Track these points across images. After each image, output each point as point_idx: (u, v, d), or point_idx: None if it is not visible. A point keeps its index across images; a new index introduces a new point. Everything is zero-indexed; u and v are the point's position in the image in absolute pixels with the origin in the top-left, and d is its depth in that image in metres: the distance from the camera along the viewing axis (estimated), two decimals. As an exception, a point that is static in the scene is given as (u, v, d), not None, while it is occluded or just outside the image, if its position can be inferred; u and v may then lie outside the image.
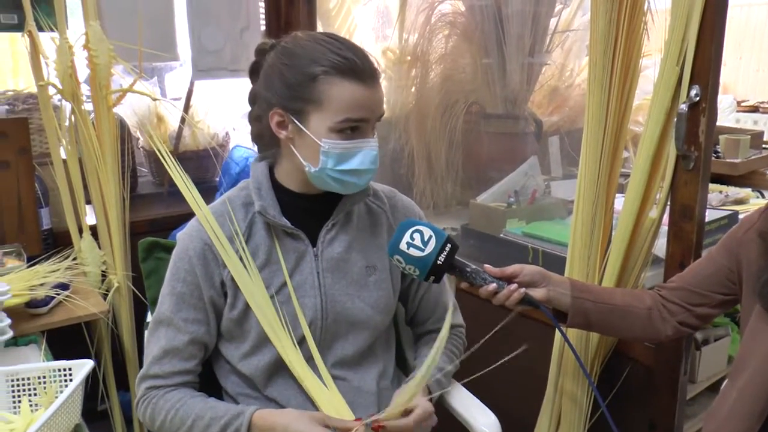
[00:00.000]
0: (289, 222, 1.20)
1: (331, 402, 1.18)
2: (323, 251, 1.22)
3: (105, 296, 1.96)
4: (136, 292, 2.03)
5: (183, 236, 1.21)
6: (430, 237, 1.11)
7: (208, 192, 2.28)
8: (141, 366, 2.11)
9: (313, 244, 1.22)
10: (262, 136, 1.22)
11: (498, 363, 1.23)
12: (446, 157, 2.22)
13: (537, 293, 1.17)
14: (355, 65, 1.10)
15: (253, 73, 1.23)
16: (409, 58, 2.25)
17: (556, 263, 1.66)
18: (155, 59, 2.07)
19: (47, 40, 1.91)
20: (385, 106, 1.16)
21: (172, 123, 2.36)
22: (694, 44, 1.24)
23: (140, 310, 2.11)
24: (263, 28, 2.34)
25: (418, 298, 1.37)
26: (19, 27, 1.92)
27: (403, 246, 1.11)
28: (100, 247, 2.02)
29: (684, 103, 1.27)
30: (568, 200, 2.00)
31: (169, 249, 1.37)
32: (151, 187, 2.44)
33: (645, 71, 1.69)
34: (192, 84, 2.24)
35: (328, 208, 1.23)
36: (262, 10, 2.35)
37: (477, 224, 1.99)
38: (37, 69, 1.90)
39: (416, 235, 1.11)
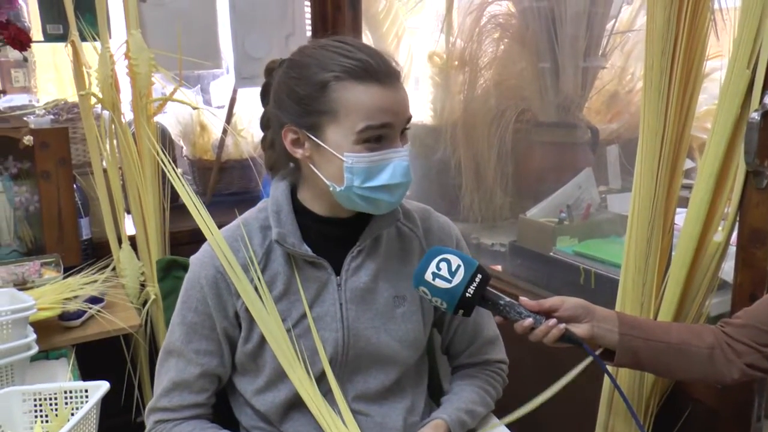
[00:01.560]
0: (310, 249, 1.09)
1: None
2: (347, 280, 1.12)
3: (142, 306, 1.94)
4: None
5: (195, 261, 1.13)
6: (459, 266, 1.00)
7: (251, 203, 2.21)
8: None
9: (337, 272, 1.11)
10: (279, 163, 1.13)
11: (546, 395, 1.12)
12: (495, 168, 2.09)
13: (579, 329, 1.03)
14: (368, 66, 0.99)
15: (264, 96, 1.14)
16: (456, 62, 2.13)
17: (611, 287, 1.52)
18: (197, 67, 2.04)
19: (89, 50, 1.90)
20: (431, 113, 1.04)
21: (216, 132, 2.33)
22: (767, 47, 1.09)
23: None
24: (309, 33, 2.28)
25: (453, 327, 1.25)
26: (63, 37, 1.92)
27: (428, 276, 1.00)
28: (139, 258, 2.00)
29: (756, 111, 1.12)
30: (626, 215, 1.85)
31: (187, 267, 1.30)
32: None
33: (713, 74, 1.53)
34: (235, 92, 2.20)
35: (354, 232, 1.12)
36: (308, 16, 2.29)
37: (526, 241, 1.85)
38: (79, 78, 1.90)
39: (443, 265, 1.00)
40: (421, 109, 2.25)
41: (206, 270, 1.10)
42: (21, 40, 1.87)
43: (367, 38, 2.31)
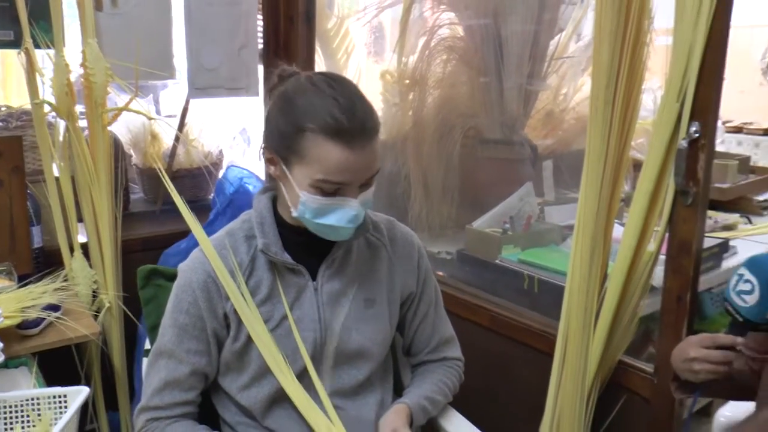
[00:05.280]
0: (290, 257, 1.19)
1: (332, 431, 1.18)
2: (323, 285, 1.22)
3: (96, 316, 1.94)
4: (127, 312, 2.01)
5: (185, 268, 1.21)
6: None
7: (202, 211, 2.28)
8: (131, 386, 2.11)
9: (313, 277, 1.22)
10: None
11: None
12: (443, 181, 2.22)
13: None
14: (342, 127, 1.06)
15: (270, 94, 1.21)
16: (407, 81, 2.25)
17: (552, 291, 1.67)
18: (153, 77, 2.06)
19: (41, 57, 1.89)
20: (382, 130, 1.13)
21: (167, 141, 2.35)
22: (695, 82, 1.25)
23: (131, 330, 2.09)
24: (261, 46, 2.34)
25: (414, 328, 1.37)
26: (15, 44, 1.90)
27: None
28: (91, 266, 2.00)
29: (684, 139, 1.29)
30: (562, 225, 2.02)
31: (167, 276, 1.36)
32: (142, 205, 2.42)
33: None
34: (187, 102, 2.23)
35: (328, 242, 1.22)
36: (261, 29, 2.35)
37: (472, 249, 1.99)
38: (32, 86, 1.88)
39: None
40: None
41: (197, 275, 1.18)
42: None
43: (318, 55, 2.39)
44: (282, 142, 1.12)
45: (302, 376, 1.21)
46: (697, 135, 1.28)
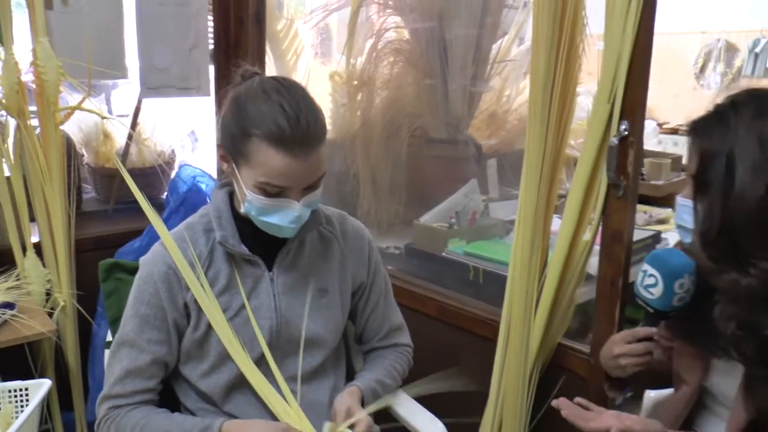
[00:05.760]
0: (247, 249, 1.26)
1: (290, 415, 1.24)
2: (278, 276, 1.29)
3: (50, 315, 1.95)
4: (81, 310, 2.02)
5: (146, 261, 1.25)
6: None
7: (156, 209, 2.28)
8: (86, 385, 2.11)
9: (269, 268, 1.29)
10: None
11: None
12: (390, 179, 2.31)
13: None
14: (284, 135, 1.12)
15: (224, 95, 1.26)
16: (355, 82, 2.33)
17: (496, 281, 1.77)
18: (105, 76, 2.08)
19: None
20: (330, 128, 1.20)
21: (119, 140, 2.36)
22: (623, 84, 1.37)
23: (85, 328, 2.10)
24: (212, 47, 2.38)
25: (365, 317, 1.45)
26: (-38, 42, 1.89)
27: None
28: (44, 265, 2.00)
29: (614, 136, 1.40)
30: (506, 220, 2.13)
31: (128, 269, 1.40)
32: (94, 205, 2.42)
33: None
34: (140, 101, 2.25)
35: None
36: (211, 29, 2.38)
37: (420, 243, 2.08)
38: (-20, 85, 1.88)
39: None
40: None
41: (158, 267, 1.23)
42: None
43: (268, 56, 2.44)
44: (232, 144, 1.19)
45: (260, 362, 1.27)
46: (626, 133, 1.40)
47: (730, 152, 1.00)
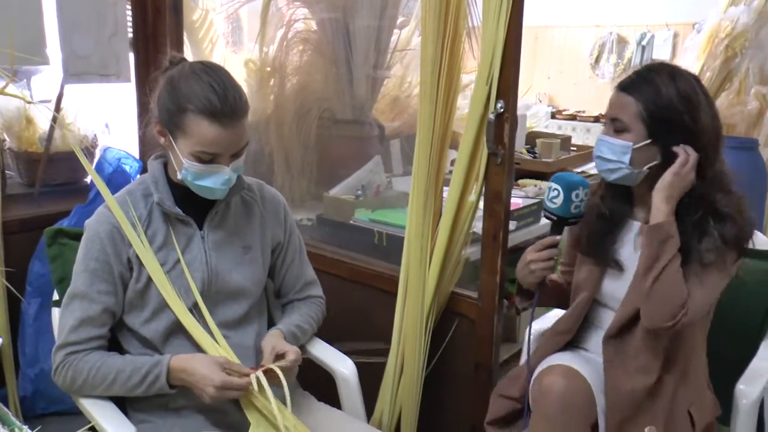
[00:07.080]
0: (181, 211, 1.44)
1: (221, 355, 1.43)
2: (208, 234, 1.48)
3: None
4: (11, 288, 2.11)
5: (92, 222, 1.42)
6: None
7: (81, 191, 2.41)
8: (16, 362, 2.20)
9: (200, 227, 1.47)
10: (153, 138, 1.45)
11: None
12: (302, 158, 2.52)
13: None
14: (215, 109, 1.31)
15: (155, 79, 1.44)
16: (268, 69, 2.52)
17: (398, 244, 2.01)
18: (26, 62, 2.17)
19: None
20: (248, 114, 1.41)
21: (41, 125, 2.45)
22: (498, 69, 1.62)
23: (14, 306, 2.19)
24: (131, 35, 2.49)
25: (282, 273, 1.65)
26: None
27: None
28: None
29: (492, 113, 1.66)
30: (408, 192, 2.37)
31: (71, 235, 1.56)
32: (18, 188, 2.49)
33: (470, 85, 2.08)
34: (62, 87, 2.35)
35: (211, 199, 1.47)
36: (130, 18, 2.49)
37: (330, 214, 2.31)
38: None
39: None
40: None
41: (103, 226, 1.40)
42: None
43: (186, 45, 2.58)
44: (168, 119, 1.37)
45: (194, 310, 1.45)
46: (502, 110, 1.65)
47: (669, 102, 1.37)
